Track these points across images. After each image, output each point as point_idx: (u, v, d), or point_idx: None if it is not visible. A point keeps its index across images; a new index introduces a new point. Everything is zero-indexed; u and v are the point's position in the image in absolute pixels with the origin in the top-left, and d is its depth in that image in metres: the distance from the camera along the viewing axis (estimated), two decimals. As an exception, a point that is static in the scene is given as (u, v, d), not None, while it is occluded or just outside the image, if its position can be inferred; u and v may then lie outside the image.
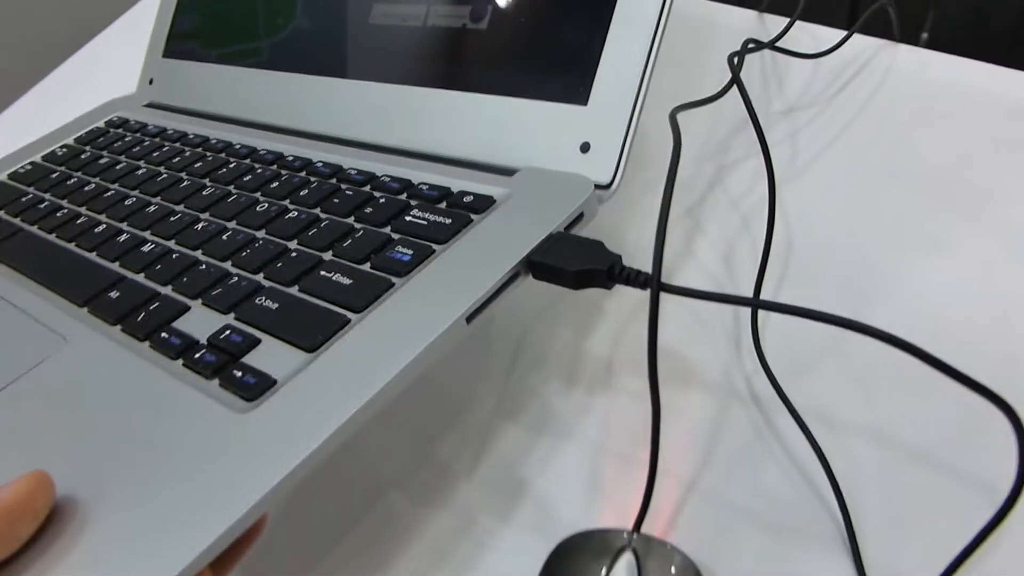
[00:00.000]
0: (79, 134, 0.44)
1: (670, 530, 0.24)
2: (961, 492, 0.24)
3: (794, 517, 0.24)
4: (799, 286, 0.31)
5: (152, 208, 0.33)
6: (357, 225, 0.28)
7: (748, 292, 0.31)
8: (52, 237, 0.33)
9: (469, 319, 0.22)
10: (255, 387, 0.21)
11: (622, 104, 0.27)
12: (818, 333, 0.29)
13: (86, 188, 0.37)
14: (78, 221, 0.34)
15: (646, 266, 0.22)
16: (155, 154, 0.38)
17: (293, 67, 0.38)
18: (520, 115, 0.29)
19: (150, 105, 0.45)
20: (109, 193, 0.36)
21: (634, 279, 0.22)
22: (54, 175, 0.39)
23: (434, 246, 0.25)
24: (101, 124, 0.44)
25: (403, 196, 0.28)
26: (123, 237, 0.31)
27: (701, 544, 0.23)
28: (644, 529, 0.23)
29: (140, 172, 0.37)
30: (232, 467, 0.19)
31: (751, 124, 0.32)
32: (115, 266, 0.30)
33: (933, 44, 0.54)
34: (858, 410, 0.27)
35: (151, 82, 0.46)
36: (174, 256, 0.29)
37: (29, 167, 0.41)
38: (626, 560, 0.19)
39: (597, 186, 0.26)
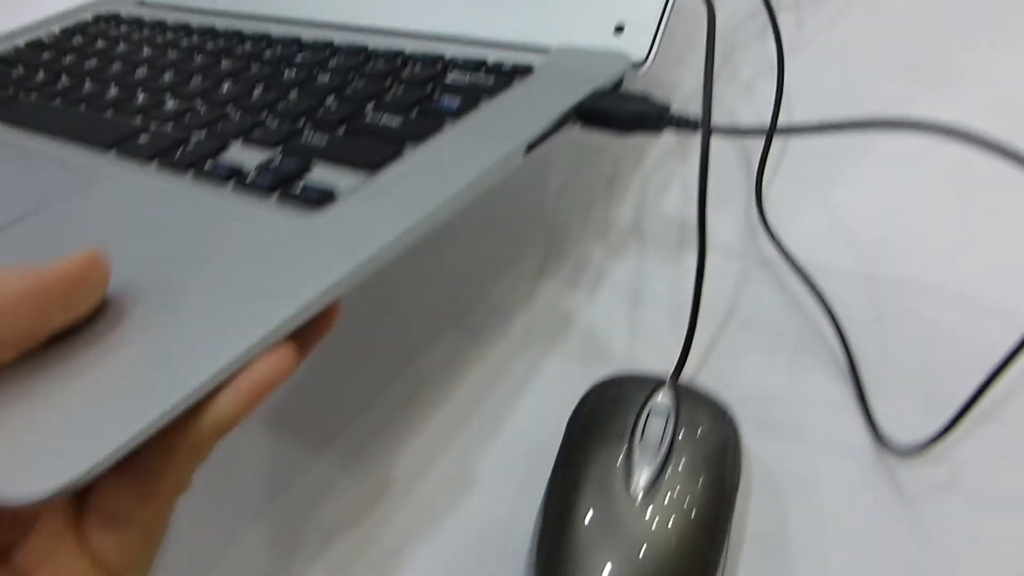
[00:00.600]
0: (66, 25, 0.42)
1: (698, 375, 0.25)
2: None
3: (800, 351, 0.25)
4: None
5: (166, 77, 0.33)
6: (395, 85, 0.28)
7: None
8: (57, 102, 0.32)
9: (528, 150, 0.23)
10: (317, 198, 0.21)
11: (657, -13, 0.28)
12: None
13: (87, 64, 0.36)
14: (84, 89, 0.33)
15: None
16: (158, 39, 0.37)
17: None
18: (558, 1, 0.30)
19: (143, 4, 0.44)
20: (115, 67, 0.35)
21: (684, 123, 0.23)
22: (46, 54, 0.38)
23: (480, 99, 0.26)
24: (89, 17, 0.43)
25: (436, 65, 0.29)
26: (140, 98, 0.31)
27: (728, 387, 0.24)
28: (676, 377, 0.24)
29: (145, 53, 0.36)
30: (306, 256, 0.19)
31: None
32: (136, 120, 0.29)
33: None
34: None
35: (140, -15, 0.45)
36: (200, 110, 0.29)
37: (12, 51, 0.40)
38: (663, 399, 0.20)
39: (632, 64, 0.28)
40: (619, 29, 0.29)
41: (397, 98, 0.27)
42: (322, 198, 0.21)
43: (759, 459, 0.22)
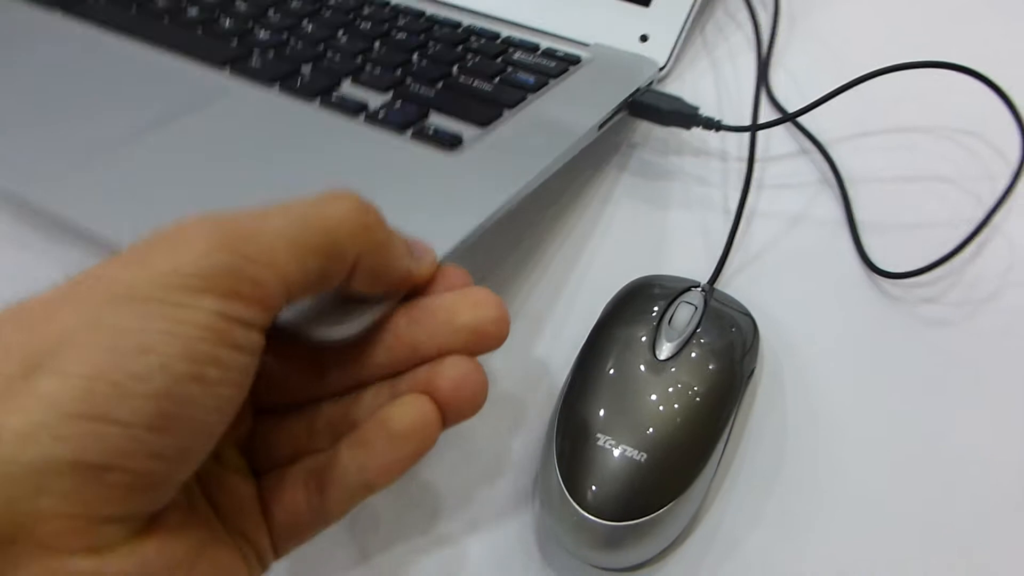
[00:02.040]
0: None
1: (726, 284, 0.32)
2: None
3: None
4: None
5: (248, 7, 0.36)
6: (467, 52, 0.34)
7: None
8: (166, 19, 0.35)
9: (600, 127, 0.30)
10: (449, 141, 0.27)
11: (678, 10, 0.36)
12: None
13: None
14: (188, 7, 0.35)
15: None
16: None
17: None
18: (591, 5, 0.37)
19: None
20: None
21: (709, 123, 0.31)
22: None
23: (548, 79, 0.32)
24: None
25: (498, 41, 0.35)
26: (227, 23, 0.34)
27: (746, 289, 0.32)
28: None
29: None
30: (470, 184, 0.25)
31: None
32: (234, 44, 0.33)
33: None
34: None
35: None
36: (299, 45, 0.33)
37: None
38: (694, 295, 0.26)
39: (653, 67, 0.35)
40: (643, 38, 0.36)
41: (478, 66, 0.33)
42: (453, 142, 0.27)
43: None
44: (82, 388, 0.14)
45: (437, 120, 0.29)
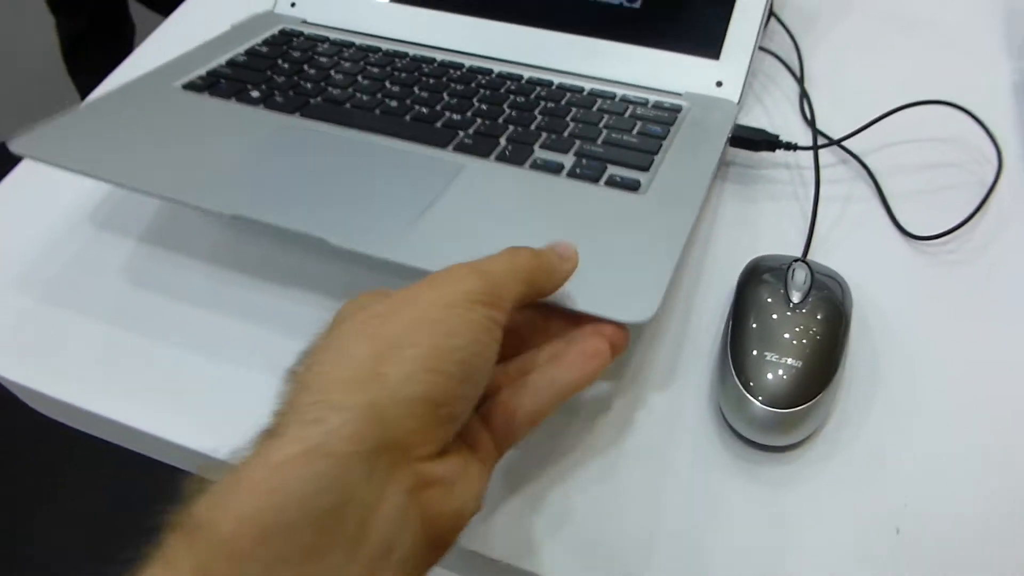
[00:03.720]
0: (255, 42, 0.54)
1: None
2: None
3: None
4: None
5: (416, 88, 0.48)
6: (602, 113, 0.46)
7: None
8: (347, 106, 0.46)
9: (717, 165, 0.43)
10: (633, 185, 0.40)
11: (742, 58, 0.49)
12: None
13: (330, 70, 0.49)
14: (377, 97, 0.47)
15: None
16: (369, 56, 0.52)
17: (453, 8, 0.54)
18: (672, 62, 0.50)
19: (305, 23, 0.57)
20: (357, 73, 0.49)
21: (789, 146, 0.45)
22: (283, 61, 0.50)
23: (669, 127, 0.45)
24: (275, 33, 0.55)
25: (618, 100, 0.48)
26: (429, 108, 0.46)
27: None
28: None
29: (370, 68, 0.50)
30: (663, 216, 0.38)
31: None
32: (439, 126, 0.44)
33: None
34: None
35: (293, 4, 0.58)
36: (487, 123, 0.45)
37: (228, 68, 0.51)
38: (800, 264, 0.40)
39: (729, 105, 0.48)
40: (719, 84, 0.49)
41: (619, 123, 0.45)
42: (635, 185, 0.40)
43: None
44: (427, 354, 0.25)
45: (614, 170, 0.41)
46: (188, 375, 0.40)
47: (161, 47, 0.63)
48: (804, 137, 0.49)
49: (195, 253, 0.46)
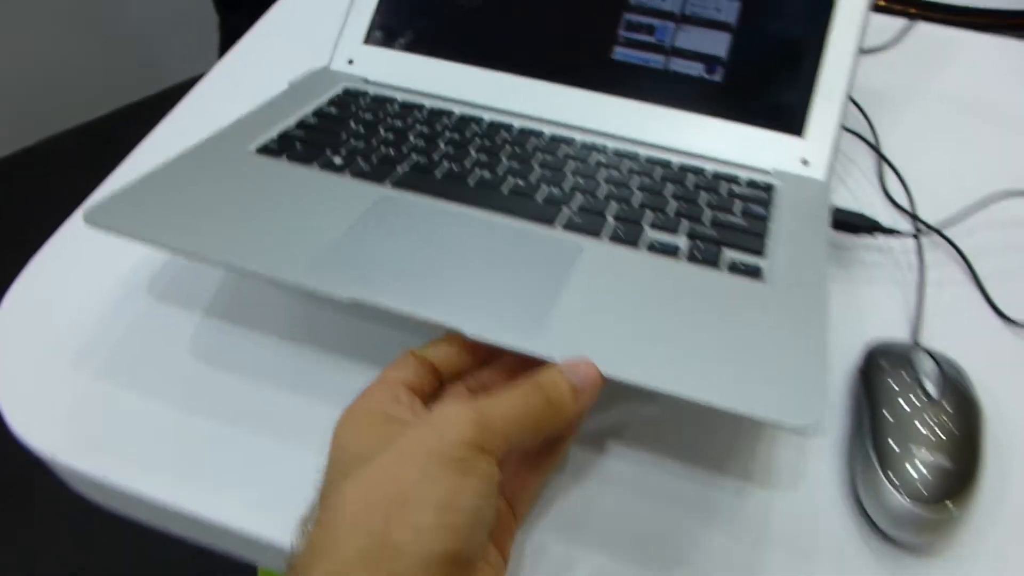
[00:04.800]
0: (320, 102, 0.51)
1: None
2: None
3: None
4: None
5: (503, 157, 0.46)
6: (699, 190, 0.45)
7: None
8: (436, 175, 0.44)
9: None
10: (755, 270, 0.39)
11: (827, 135, 0.49)
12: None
13: (407, 133, 0.47)
14: (467, 165, 0.45)
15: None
16: (444, 120, 0.50)
17: (524, 72, 0.53)
18: (755, 137, 0.49)
19: (367, 82, 0.55)
20: (436, 138, 0.47)
21: (888, 231, 0.44)
22: (355, 123, 0.48)
23: (768, 207, 0.44)
24: (340, 93, 0.52)
25: (712, 176, 0.47)
26: (508, 178, 0.44)
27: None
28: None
29: (449, 133, 0.48)
30: (797, 314, 0.36)
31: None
32: (540, 201, 0.43)
33: None
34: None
35: (350, 61, 0.55)
36: (590, 199, 0.43)
37: (300, 131, 0.48)
38: (927, 359, 0.39)
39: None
40: (804, 162, 0.49)
41: (722, 202, 0.44)
42: (756, 271, 0.39)
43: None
44: (434, 518, 0.26)
45: (731, 254, 0.40)
46: (268, 464, 0.37)
47: (207, 103, 0.60)
48: (886, 215, 0.49)
49: (263, 326, 0.43)
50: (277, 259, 0.37)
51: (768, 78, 0.51)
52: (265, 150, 0.45)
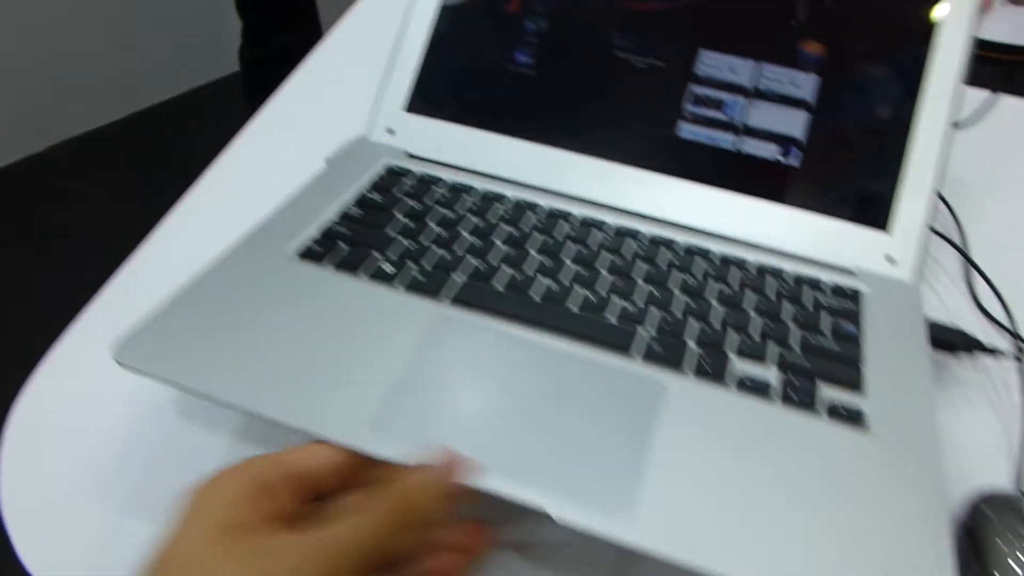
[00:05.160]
0: (362, 186, 0.46)
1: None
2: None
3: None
4: None
5: (566, 258, 0.42)
6: (781, 299, 0.41)
7: None
8: (495, 284, 0.40)
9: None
10: (856, 415, 0.35)
11: (915, 230, 0.45)
12: None
13: (458, 226, 0.43)
14: (526, 275, 0.41)
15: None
16: (497, 207, 0.46)
17: (580, 148, 0.49)
18: (836, 230, 0.45)
19: (409, 156, 0.50)
20: (490, 232, 0.43)
21: (989, 350, 0.41)
22: (401, 214, 0.44)
23: (857, 321, 0.40)
24: (382, 174, 0.48)
25: (792, 283, 0.43)
26: (574, 287, 0.40)
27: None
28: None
29: (504, 227, 0.44)
30: (907, 484, 0.33)
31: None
32: (612, 319, 0.39)
33: None
34: None
35: (390, 131, 0.51)
36: (659, 310, 0.39)
37: (343, 226, 0.43)
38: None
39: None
40: (891, 260, 0.45)
41: (808, 318, 0.40)
42: (858, 416, 0.35)
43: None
44: None
45: (827, 391, 0.36)
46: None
47: (234, 172, 0.55)
48: (977, 326, 0.45)
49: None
50: (336, 415, 0.33)
51: (850, 163, 0.46)
52: (308, 254, 0.41)
